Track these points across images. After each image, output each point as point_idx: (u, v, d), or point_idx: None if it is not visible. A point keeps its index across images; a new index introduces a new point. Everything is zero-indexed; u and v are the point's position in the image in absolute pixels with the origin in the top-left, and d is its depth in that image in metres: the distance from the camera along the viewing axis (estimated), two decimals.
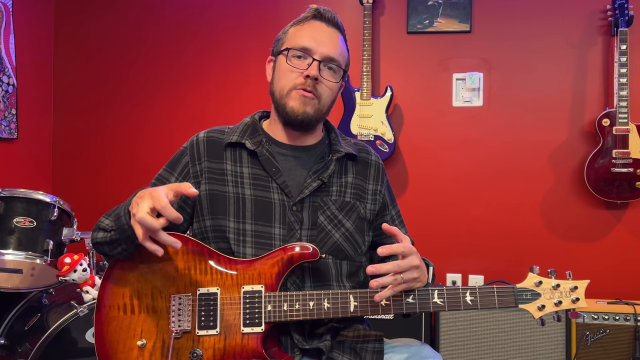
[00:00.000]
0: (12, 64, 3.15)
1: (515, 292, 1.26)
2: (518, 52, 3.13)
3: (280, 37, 1.47)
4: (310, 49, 1.39)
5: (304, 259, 1.32)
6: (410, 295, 1.27)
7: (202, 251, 1.35)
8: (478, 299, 1.26)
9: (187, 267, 1.33)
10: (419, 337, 2.69)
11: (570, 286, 1.26)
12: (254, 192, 1.39)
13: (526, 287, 1.27)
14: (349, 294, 1.28)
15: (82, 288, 2.17)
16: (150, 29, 3.44)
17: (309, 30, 1.42)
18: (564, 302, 1.26)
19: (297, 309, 1.27)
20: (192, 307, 1.30)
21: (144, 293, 1.33)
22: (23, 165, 3.29)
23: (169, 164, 1.49)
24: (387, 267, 1.22)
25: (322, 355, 1.31)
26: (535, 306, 1.26)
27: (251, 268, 1.32)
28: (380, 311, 1.27)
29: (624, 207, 3.02)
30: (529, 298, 1.26)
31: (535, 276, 1.28)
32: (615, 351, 2.59)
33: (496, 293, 1.26)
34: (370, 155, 1.54)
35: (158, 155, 3.38)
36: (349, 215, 1.43)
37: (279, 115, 1.43)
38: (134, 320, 1.32)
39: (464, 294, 1.26)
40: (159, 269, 1.34)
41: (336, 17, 1.47)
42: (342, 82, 1.49)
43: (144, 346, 1.29)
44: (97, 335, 1.33)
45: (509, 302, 1.26)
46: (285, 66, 1.40)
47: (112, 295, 1.34)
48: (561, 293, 1.26)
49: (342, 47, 1.47)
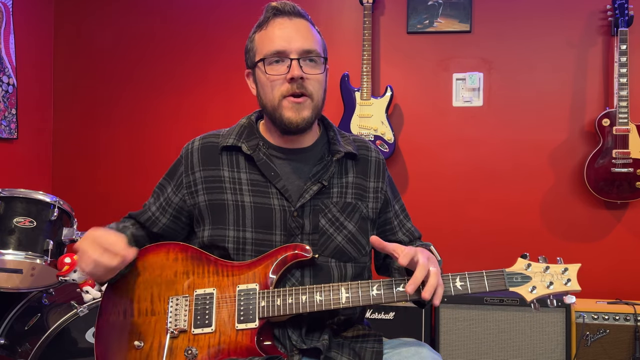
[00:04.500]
0: (12, 64, 3.15)
1: (505, 275, 1.26)
2: (518, 52, 3.13)
3: (250, 47, 1.42)
4: (284, 50, 1.34)
5: (297, 259, 1.32)
6: (401, 285, 1.26)
7: (200, 257, 1.37)
8: (468, 284, 1.25)
9: (186, 272, 1.35)
10: (419, 337, 2.69)
11: (561, 269, 1.25)
12: (253, 199, 1.38)
13: (515, 270, 1.27)
14: (341, 286, 1.28)
15: (82, 288, 2.17)
16: (151, 29, 3.44)
17: (275, 31, 1.36)
18: (556, 284, 1.24)
19: (290, 302, 1.28)
20: (189, 307, 1.31)
21: (144, 298, 1.35)
22: (23, 165, 3.29)
23: (168, 173, 1.49)
24: (418, 275, 1.20)
25: (320, 355, 1.31)
26: (527, 289, 1.25)
27: (247, 269, 1.34)
28: (371, 301, 1.26)
29: (624, 207, 3.02)
30: (519, 281, 1.26)
31: (525, 260, 1.27)
32: (615, 351, 2.59)
33: (486, 277, 1.26)
34: (370, 152, 1.50)
35: (158, 155, 3.38)
36: (350, 216, 1.41)
37: (276, 126, 1.39)
38: (133, 324, 1.34)
39: (453, 279, 1.26)
40: (158, 275, 1.36)
41: (296, 6, 1.39)
42: (326, 67, 1.41)
43: (140, 347, 1.31)
44: (97, 338, 1.36)
45: (499, 285, 1.25)
46: (266, 78, 1.35)
47: (113, 302, 1.37)
48: (552, 275, 1.25)
49: (313, 34, 1.39)
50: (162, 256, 1.38)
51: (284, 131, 1.39)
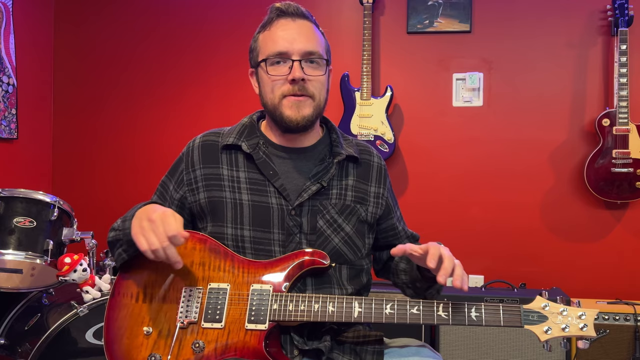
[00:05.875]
0: (12, 64, 3.15)
1: (522, 312, 1.24)
2: (518, 52, 3.13)
3: (253, 47, 1.44)
4: (286, 51, 1.35)
5: (314, 265, 1.32)
6: (415, 307, 1.26)
7: (218, 250, 1.36)
8: (483, 315, 1.24)
9: (202, 263, 1.35)
10: (419, 337, 2.69)
11: (579, 313, 1.23)
12: (251, 197, 1.39)
13: (533, 308, 1.24)
14: (355, 300, 1.28)
15: (82, 288, 2.17)
16: (151, 29, 3.44)
17: (278, 32, 1.37)
18: (571, 328, 1.22)
19: (302, 309, 1.27)
20: (201, 299, 1.31)
21: (158, 284, 1.34)
22: (23, 165, 3.29)
23: (170, 170, 1.50)
24: (447, 263, 1.23)
25: (322, 356, 1.31)
26: (542, 329, 1.23)
27: (262, 269, 1.33)
28: (383, 319, 1.26)
29: (624, 207, 3.02)
30: (535, 320, 1.23)
31: (543, 299, 1.25)
32: (615, 351, 2.59)
33: (502, 311, 1.24)
34: (372, 157, 1.51)
35: (158, 155, 3.38)
36: (348, 219, 1.41)
37: (278, 125, 1.41)
38: (144, 309, 1.33)
39: (469, 309, 1.24)
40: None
41: (300, 7, 1.41)
42: (329, 68, 1.43)
43: (149, 333, 1.30)
44: (107, 320, 1.35)
45: (514, 322, 1.23)
46: (268, 78, 1.37)
47: (127, 284, 1.36)
48: (569, 319, 1.23)
49: (316, 35, 1.40)
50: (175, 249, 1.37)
51: (285, 129, 1.40)
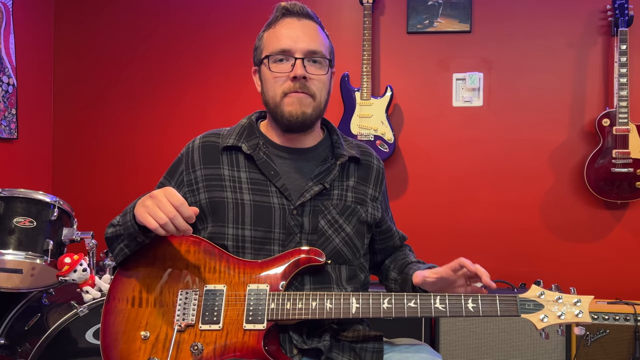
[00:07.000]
0: (12, 64, 3.15)
1: (518, 301, 1.26)
2: (518, 52, 3.13)
3: (257, 45, 1.45)
4: (289, 49, 1.37)
5: (310, 263, 1.33)
6: (412, 300, 1.28)
7: (213, 251, 1.36)
8: (480, 306, 1.26)
9: (197, 266, 1.35)
10: (419, 337, 2.69)
11: (574, 300, 1.26)
12: (253, 197, 1.39)
13: (529, 297, 1.27)
14: (352, 296, 1.29)
15: (82, 288, 2.17)
16: (151, 29, 3.44)
17: (282, 30, 1.39)
18: (567, 315, 1.25)
19: (300, 307, 1.27)
20: (198, 302, 1.31)
21: (153, 288, 1.34)
22: (23, 165, 3.29)
23: (168, 171, 1.50)
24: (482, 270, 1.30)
25: (321, 355, 1.31)
26: (538, 317, 1.25)
27: (258, 269, 1.34)
28: (381, 314, 1.28)
29: (624, 207, 3.02)
30: (531, 308, 1.26)
31: (539, 288, 1.28)
32: (615, 351, 2.59)
33: (498, 301, 1.26)
34: (372, 159, 1.53)
35: (159, 155, 3.38)
36: (349, 219, 1.42)
37: (278, 123, 1.41)
38: (141, 313, 1.33)
39: (466, 300, 1.26)
40: (170, 266, 1.36)
41: (305, 7, 1.43)
42: (332, 70, 1.45)
43: (146, 338, 1.30)
44: (103, 325, 1.35)
45: (511, 311, 1.25)
46: (270, 74, 1.39)
47: (122, 288, 1.36)
48: (564, 306, 1.26)
49: (320, 36, 1.42)
50: (174, 247, 1.37)
51: (286, 128, 1.41)
